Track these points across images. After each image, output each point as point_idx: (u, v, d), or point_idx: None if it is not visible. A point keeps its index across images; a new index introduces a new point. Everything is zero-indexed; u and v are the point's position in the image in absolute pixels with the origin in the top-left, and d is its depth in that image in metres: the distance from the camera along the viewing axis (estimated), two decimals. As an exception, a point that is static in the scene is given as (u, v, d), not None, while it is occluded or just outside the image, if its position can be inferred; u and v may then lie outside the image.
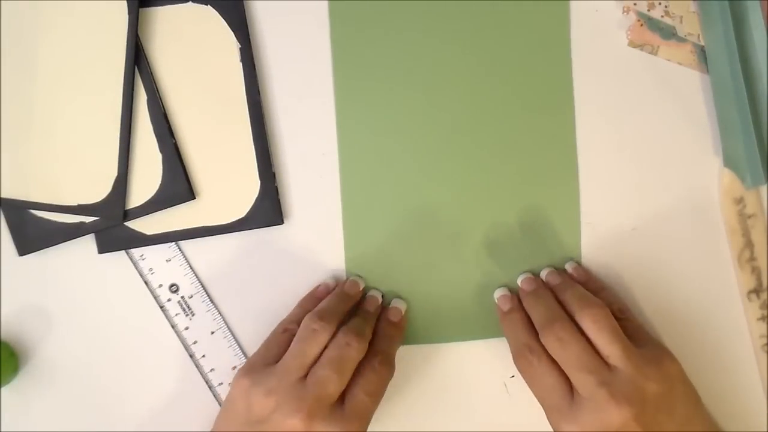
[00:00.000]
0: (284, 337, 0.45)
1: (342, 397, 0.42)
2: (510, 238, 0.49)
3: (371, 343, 0.45)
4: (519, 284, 0.48)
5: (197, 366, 0.48)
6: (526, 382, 0.44)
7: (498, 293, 0.48)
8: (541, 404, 0.43)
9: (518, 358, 0.44)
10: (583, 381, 0.41)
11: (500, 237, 0.49)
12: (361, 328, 0.45)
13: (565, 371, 0.42)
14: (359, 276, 0.49)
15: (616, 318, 0.43)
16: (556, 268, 0.49)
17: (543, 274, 0.49)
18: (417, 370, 0.49)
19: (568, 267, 0.49)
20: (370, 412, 0.43)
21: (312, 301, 0.47)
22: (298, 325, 0.45)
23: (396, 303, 0.49)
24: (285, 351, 0.44)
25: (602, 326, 0.43)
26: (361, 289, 0.48)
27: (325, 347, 0.43)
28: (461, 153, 0.49)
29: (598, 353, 0.42)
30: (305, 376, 0.42)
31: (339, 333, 0.44)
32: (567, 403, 0.42)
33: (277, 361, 0.43)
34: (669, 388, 0.42)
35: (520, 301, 0.48)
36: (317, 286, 0.48)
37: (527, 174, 0.49)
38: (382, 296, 0.49)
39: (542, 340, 0.43)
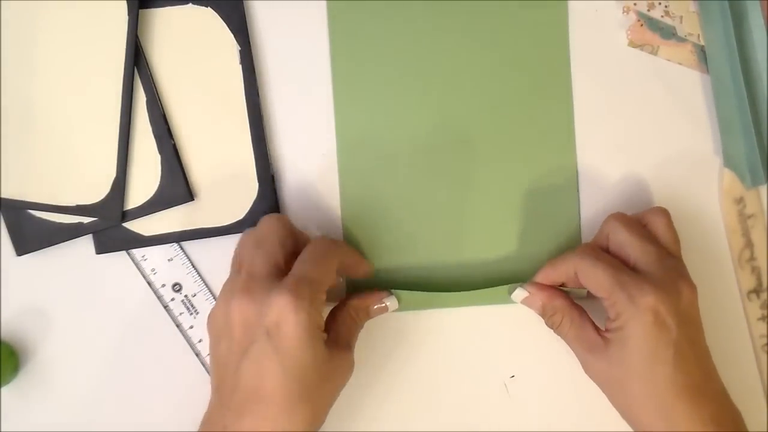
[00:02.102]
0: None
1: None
2: (510, 240, 0.49)
3: None
4: None
5: (203, 364, 0.48)
6: (588, 274, 0.43)
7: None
8: (601, 293, 0.43)
9: (581, 253, 0.44)
10: (650, 250, 0.43)
11: (500, 240, 0.49)
12: None
13: (631, 251, 0.43)
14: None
15: None
16: None
17: None
18: (415, 369, 0.49)
19: None
20: (309, 274, 0.41)
21: None
22: None
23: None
24: None
25: (671, 227, 0.45)
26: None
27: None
28: (461, 152, 0.49)
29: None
30: None
31: None
32: (635, 274, 0.42)
33: None
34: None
35: None
36: None
37: (527, 174, 0.49)
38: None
39: (610, 245, 0.45)
